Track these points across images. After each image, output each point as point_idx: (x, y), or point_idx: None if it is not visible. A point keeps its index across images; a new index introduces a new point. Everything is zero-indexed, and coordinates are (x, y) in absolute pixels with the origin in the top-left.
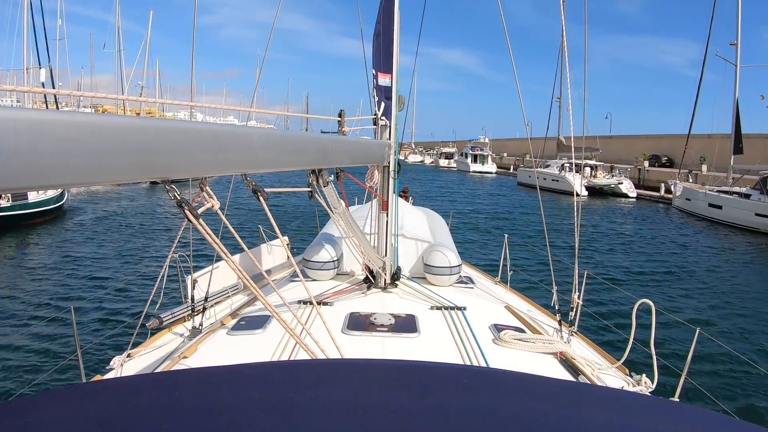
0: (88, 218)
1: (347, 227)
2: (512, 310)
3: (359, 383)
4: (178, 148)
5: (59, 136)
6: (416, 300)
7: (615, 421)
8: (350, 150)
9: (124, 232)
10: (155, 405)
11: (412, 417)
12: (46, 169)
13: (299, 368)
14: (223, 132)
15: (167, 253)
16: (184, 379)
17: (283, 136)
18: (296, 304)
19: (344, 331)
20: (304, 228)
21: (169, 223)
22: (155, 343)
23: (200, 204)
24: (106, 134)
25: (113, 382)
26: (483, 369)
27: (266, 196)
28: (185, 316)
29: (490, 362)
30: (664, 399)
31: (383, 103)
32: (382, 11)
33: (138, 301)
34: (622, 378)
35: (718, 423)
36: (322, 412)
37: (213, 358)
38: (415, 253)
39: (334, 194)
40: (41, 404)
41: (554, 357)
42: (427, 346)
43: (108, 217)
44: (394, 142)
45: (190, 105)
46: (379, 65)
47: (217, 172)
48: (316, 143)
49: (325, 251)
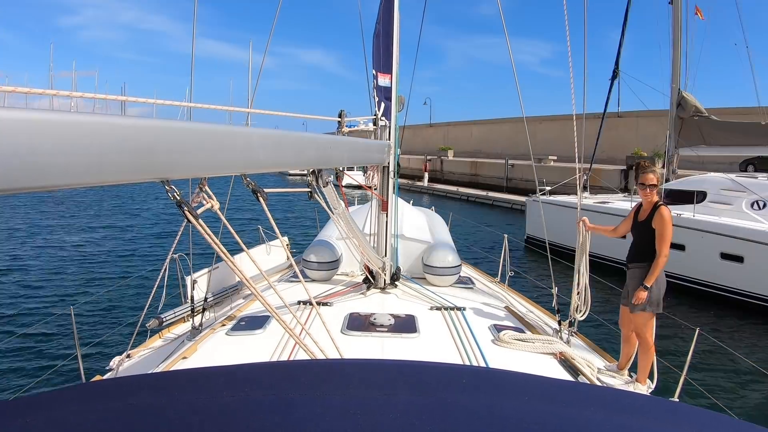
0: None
1: (347, 228)
2: (512, 311)
3: (359, 383)
4: (177, 148)
5: (59, 136)
6: (416, 300)
7: (614, 421)
8: (350, 150)
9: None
10: (155, 405)
11: (411, 417)
12: (46, 169)
13: (299, 368)
14: (222, 132)
15: (167, 253)
16: (184, 379)
17: (282, 137)
18: (296, 305)
19: (344, 332)
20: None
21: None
22: (155, 343)
23: (200, 204)
24: (105, 134)
25: (113, 382)
26: (482, 369)
27: (266, 196)
28: (185, 317)
29: (490, 362)
30: (663, 399)
31: (383, 103)
32: (382, 11)
33: (138, 302)
34: (622, 378)
35: (718, 423)
36: (322, 412)
37: (213, 358)
38: (414, 254)
39: (333, 194)
40: (41, 404)
41: (554, 357)
42: (427, 346)
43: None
44: (393, 142)
45: (189, 106)
46: (378, 65)
47: (217, 172)
48: (315, 143)
49: (325, 252)
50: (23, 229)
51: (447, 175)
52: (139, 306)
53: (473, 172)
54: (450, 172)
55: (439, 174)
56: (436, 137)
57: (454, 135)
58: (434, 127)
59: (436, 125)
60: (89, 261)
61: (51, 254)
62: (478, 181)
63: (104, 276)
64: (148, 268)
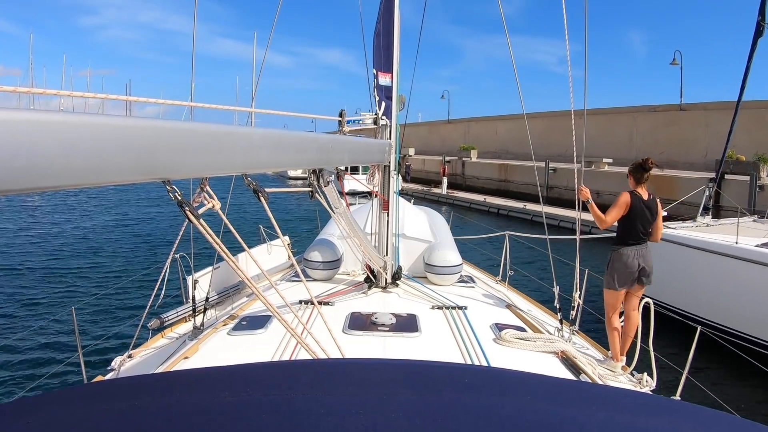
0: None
1: (348, 227)
2: (513, 309)
3: (360, 383)
4: (178, 148)
5: (59, 136)
6: (417, 299)
7: (616, 419)
8: (351, 150)
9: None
10: (156, 405)
11: (413, 416)
12: (45, 170)
13: (300, 368)
14: (223, 132)
15: (168, 253)
16: (186, 379)
17: (283, 136)
18: (297, 304)
19: (345, 331)
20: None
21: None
22: (156, 343)
23: (200, 204)
24: (106, 135)
25: (114, 383)
26: (484, 368)
27: (267, 196)
28: (186, 317)
29: (492, 361)
30: (665, 397)
31: (384, 102)
32: (382, 11)
33: (139, 302)
34: (624, 376)
35: (720, 421)
36: (324, 412)
37: (214, 358)
38: (416, 253)
39: (334, 194)
40: (42, 405)
41: (555, 356)
42: (429, 345)
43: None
44: (394, 141)
45: (190, 105)
46: (379, 65)
47: (218, 172)
48: (316, 143)
49: (326, 251)
50: (23, 230)
51: (470, 181)
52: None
53: (503, 177)
54: (474, 176)
55: (461, 179)
56: (456, 135)
57: (475, 132)
58: (453, 124)
59: (455, 121)
60: (90, 261)
61: (52, 254)
62: (509, 188)
63: (106, 276)
64: (149, 268)
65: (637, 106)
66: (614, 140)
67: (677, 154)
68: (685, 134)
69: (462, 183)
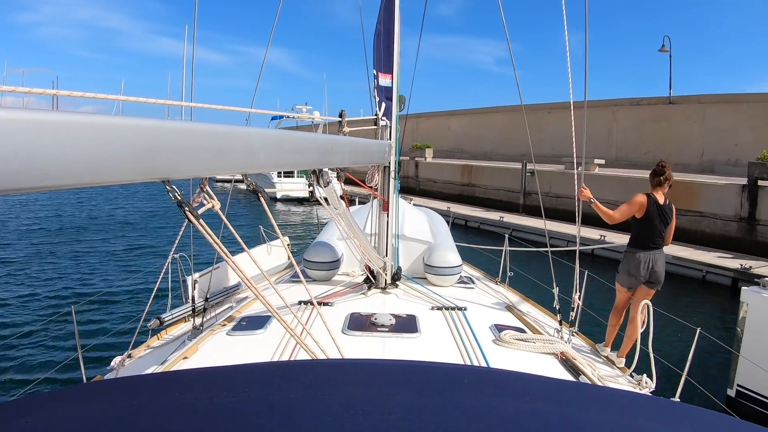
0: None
1: (348, 227)
2: (513, 310)
3: (360, 383)
4: (178, 148)
5: (59, 136)
6: (417, 300)
7: (615, 420)
8: (351, 150)
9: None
10: (156, 405)
11: (412, 417)
12: (45, 170)
13: (300, 368)
14: (223, 132)
15: (168, 253)
16: (185, 379)
17: (283, 137)
18: (297, 305)
19: (345, 332)
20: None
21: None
22: (156, 343)
23: (200, 204)
24: (105, 134)
25: (114, 383)
26: (484, 369)
27: (266, 196)
28: (186, 317)
29: (491, 362)
30: (664, 399)
31: (384, 103)
32: (382, 11)
33: (138, 302)
34: (623, 378)
35: (719, 423)
36: (323, 412)
37: (213, 358)
38: (415, 254)
39: (334, 194)
40: (42, 405)
41: (555, 357)
42: (428, 346)
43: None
44: (394, 142)
45: (190, 105)
46: (379, 65)
47: (218, 172)
48: (316, 143)
49: (326, 251)
50: (23, 230)
51: (424, 184)
52: (140, 306)
53: (466, 180)
54: (430, 180)
55: (413, 182)
56: (405, 132)
57: (425, 128)
58: (400, 119)
59: (402, 117)
60: (90, 261)
61: (52, 254)
62: (474, 194)
63: (105, 276)
64: (148, 269)
65: (617, 99)
66: (589, 138)
67: (667, 153)
68: (677, 131)
69: (415, 187)
